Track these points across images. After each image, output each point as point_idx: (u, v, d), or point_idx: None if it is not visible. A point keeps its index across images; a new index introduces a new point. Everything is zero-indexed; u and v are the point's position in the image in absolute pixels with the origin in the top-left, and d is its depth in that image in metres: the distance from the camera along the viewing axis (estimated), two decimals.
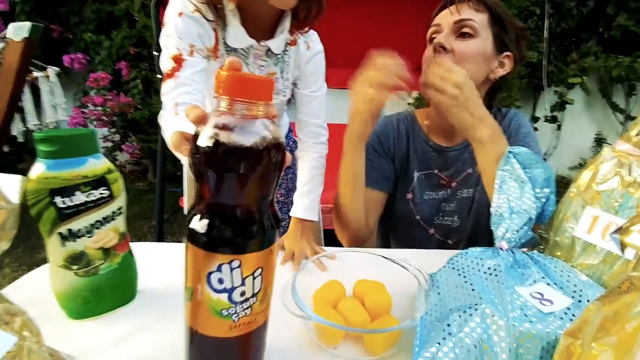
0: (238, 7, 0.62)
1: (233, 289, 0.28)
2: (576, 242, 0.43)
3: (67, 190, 0.38)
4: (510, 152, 0.48)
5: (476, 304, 0.34)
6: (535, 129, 3.41)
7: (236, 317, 0.29)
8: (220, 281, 0.27)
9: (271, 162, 0.27)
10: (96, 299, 0.42)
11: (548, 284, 0.37)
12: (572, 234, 0.43)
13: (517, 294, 0.35)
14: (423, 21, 0.75)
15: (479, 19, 0.64)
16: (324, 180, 0.76)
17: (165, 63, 0.62)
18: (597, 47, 3.13)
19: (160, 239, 1.60)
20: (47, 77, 2.54)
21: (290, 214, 0.72)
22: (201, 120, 0.28)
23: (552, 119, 3.33)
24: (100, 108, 2.74)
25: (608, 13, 2.99)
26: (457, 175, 0.73)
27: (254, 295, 0.29)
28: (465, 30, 0.64)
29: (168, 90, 0.61)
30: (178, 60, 0.60)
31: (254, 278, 0.28)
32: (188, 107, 0.29)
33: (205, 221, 0.27)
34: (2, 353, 0.23)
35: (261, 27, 0.66)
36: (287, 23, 0.66)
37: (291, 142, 1.01)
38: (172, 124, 0.58)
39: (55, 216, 0.38)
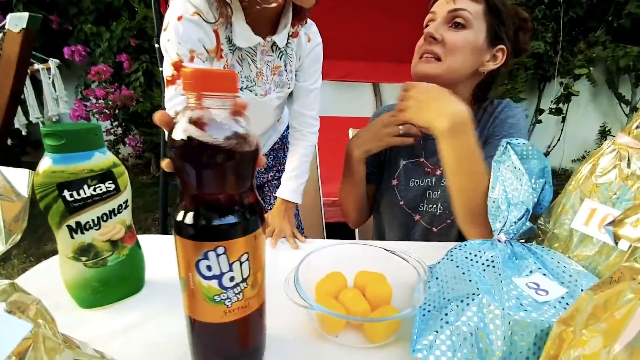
0: (242, 4, 0.62)
1: (222, 274, 0.29)
2: (573, 234, 0.43)
3: (74, 184, 0.39)
4: (508, 143, 0.48)
5: (473, 294, 0.35)
6: (540, 121, 3.38)
7: (229, 302, 0.30)
8: (209, 268, 0.29)
9: (243, 152, 0.28)
10: (105, 289, 0.43)
11: (544, 275, 0.37)
12: (570, 226, 0.44)
13: (513, 284, 0.36)
14: (422, 13, 0.75)
15: (474, 9, 0.64)
16: (309, 167, 0.80)
17: (167, 69, 0.63)
18: (605, 36, 3.06)
19: (164, 231, 1.62)
20: (48, 69, 2.53)
21: (277, 194, 0.76)
22: (167, 123, 0.29)
23: (557, 111, 3.29)
24: (102, 101, 2.74)
25: (619, 1, 2.92)
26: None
27: (243, 280, 0.30)
28: (458, 20, 0.64)
29: (170, 98, 0.63)
30: (178, 67, 0.61)
31: (241, 263, 0.30)
32: (155, 113, 0.30)
33: (187, 212, 0.29)
34: (19, 339, 0.24)
35: (265, 22, 0.66)
36: (290, 16, 0.66)
37: None
38: None
39: (63, 209, 0.39)
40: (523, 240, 0.47)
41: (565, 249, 0.44)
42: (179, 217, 0.29)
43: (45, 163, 0.38)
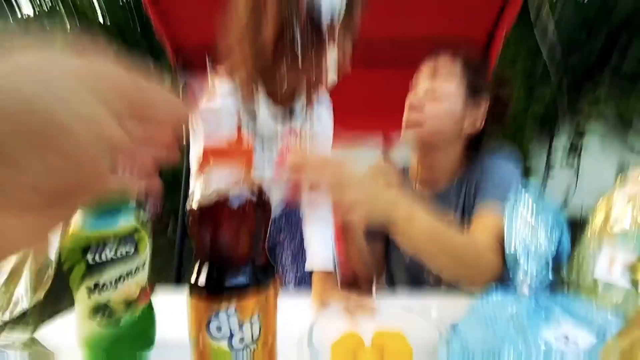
0: (263, 81, 0.68)
1: (232, 335, 0.29)
2: (598, 283, 0.42)
3: (98, 248, 0.40)
4: (519, 198, 0.49)
5: (500, 351, 0.33)
6: (551, 170, 3.36)
7: None
8: (219, 329, 0.29)
9: (256, 217, 0.31)
10: (117, 348, 0.42)
11: (572, 324, 0.35)
12: (593, 276, 0.42)
13: (541, 338, 0.34)
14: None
15: (450, 86, 0.69)
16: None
17: (195, 159, 0.70)
18: (610, 81, 3.04)
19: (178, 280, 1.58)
20: None
21: (311, 268, 0.71)
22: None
23: (569, 164, 3.27)
24: None
25: (621, 45, 2.94)
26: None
27: (254, 341, 0.30)
28: (436, 95, 0.69)
29: None
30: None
31: (252, 324, 0.30)
32: None
33: (200, 272, 0.30)
34: None
35: (284, 93, 0.73)
36: (304, 88, 0.74)
37: None
38: None
39: (84, 270, 0.40)
40: (547, 292, 0.45)
41: (591, 297, 0.42)
42: (192, 278, 0.30)
43: (74, 227, 0.40)
